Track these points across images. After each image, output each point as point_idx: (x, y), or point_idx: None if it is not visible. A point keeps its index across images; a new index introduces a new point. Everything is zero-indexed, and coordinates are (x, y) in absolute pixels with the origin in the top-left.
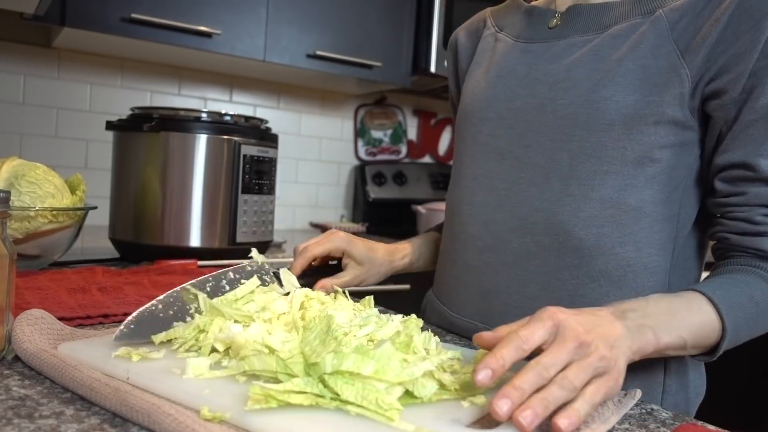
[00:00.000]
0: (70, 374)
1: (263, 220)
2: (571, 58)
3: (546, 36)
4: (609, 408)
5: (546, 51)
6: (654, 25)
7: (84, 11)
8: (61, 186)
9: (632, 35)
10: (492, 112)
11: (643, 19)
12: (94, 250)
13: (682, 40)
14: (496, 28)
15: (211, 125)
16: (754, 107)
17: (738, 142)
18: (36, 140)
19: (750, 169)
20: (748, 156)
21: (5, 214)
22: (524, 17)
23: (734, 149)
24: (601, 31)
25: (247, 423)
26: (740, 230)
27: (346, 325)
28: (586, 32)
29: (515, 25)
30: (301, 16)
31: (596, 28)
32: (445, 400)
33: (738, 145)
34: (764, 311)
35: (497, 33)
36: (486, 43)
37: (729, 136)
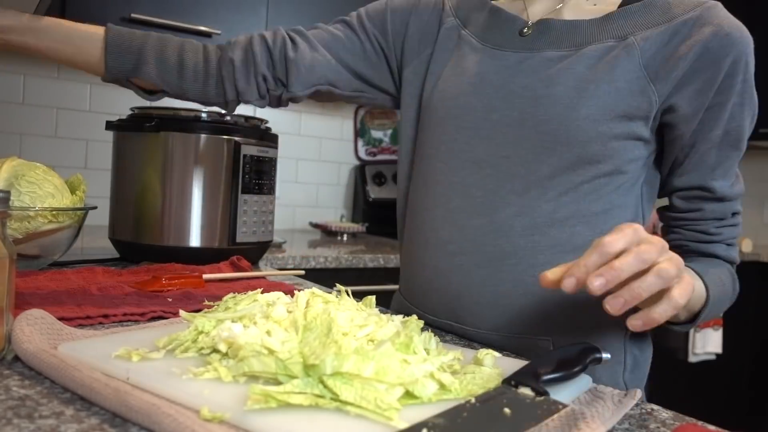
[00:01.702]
0: (70, 374)
1: (263, 220)
2: (548, 72)
3: (517, 46)
4: (609, 408)
5: (521, 62)
6: (627, 51)
7: (84, 11)
8: (61, 186)
9: (606, 57)
10: (468, 121)
11: (616, 42)
12: (94, 250)
13: (651, 68)
14: (458, 20)
15: (211, 125)
16: (709, 137)
17: (694, 167)
18: (36, 140)
19: (705, 191)
20: (704, 179)
21: (5, 214)
22: (489, 17)
23: (690, 172)
24: (575, 49)
25: (246, 423)
26: (697, 239)
27: (346, 325)
28: (560, 48)
29: (479, 24)
30: (301, 16)
31: (570, 45)
32: (445, 400)
33: (694, 169)
34: (728, 291)
35: (461, 29)
36: (448, 36)
37: (686, 161)
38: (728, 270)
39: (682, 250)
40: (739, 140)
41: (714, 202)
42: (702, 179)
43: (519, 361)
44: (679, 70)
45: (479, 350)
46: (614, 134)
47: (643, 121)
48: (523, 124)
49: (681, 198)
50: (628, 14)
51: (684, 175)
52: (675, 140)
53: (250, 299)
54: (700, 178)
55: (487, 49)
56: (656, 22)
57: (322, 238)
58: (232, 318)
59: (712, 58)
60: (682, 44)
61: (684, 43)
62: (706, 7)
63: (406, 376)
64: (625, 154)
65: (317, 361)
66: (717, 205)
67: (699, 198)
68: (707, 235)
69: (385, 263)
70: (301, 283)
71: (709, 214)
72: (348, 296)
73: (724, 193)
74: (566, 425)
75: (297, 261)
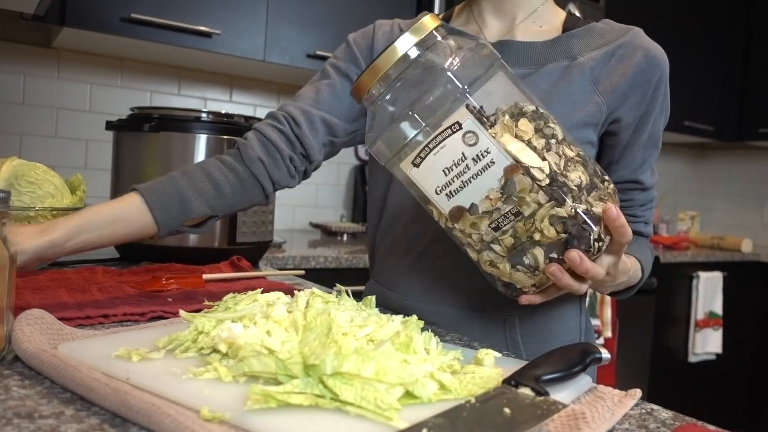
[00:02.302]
0: (70, 374)
1: (263, 220)
2: None
3: None
4: (609, 408)
5: None
6: (579, 69)
7: (84, 11)
8: (61, 186)
9: (563, 74)
10: None
11: (569, 62)
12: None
13: (598, 82)
14: None
15: (211, 125)
16: (639, 139)
17: (627, 164)
18: (36, 140)
19: (636, 183)
20: (635, 174)
21: (5, 214)
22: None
23: (624, 169)
24: (536, 67)
25: (247, 423)
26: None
27: (346, 325)
28: (522, 66)
29: None
30: (301, 16)
31: (530, 63)
32: (445, 400)
33: (627, 167)
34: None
35: None
36: None
37: (620, 160)
38: (646, 245)
39: None
40: (658, 140)
41: (641, 191)
42: (633, 174)
43: (519, 361)
44: (622, 86)
45: (479, 350)
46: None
47: (593, 128)
48: None
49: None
50: (573, 38)
51: (618, 171)
52: (614, 145)
53: (250, 299)
54: (632, 173)
55: None
56: (597, 45)
57: (322, 238)
58: (232, 318)
59: (644, 76)
60: (620, 63)
61: (622, 62)
62: (633, 33)
63: (406, 376)
64: None
65: (317, 361)
66: (643, 194)
67: (630, 189)
68: (634, 217)
69: None
70: (301, 283)
71: (636, 202)
72: (348, 296)
73: (648, 184)
74: (566, 425)
75: (297, 261)
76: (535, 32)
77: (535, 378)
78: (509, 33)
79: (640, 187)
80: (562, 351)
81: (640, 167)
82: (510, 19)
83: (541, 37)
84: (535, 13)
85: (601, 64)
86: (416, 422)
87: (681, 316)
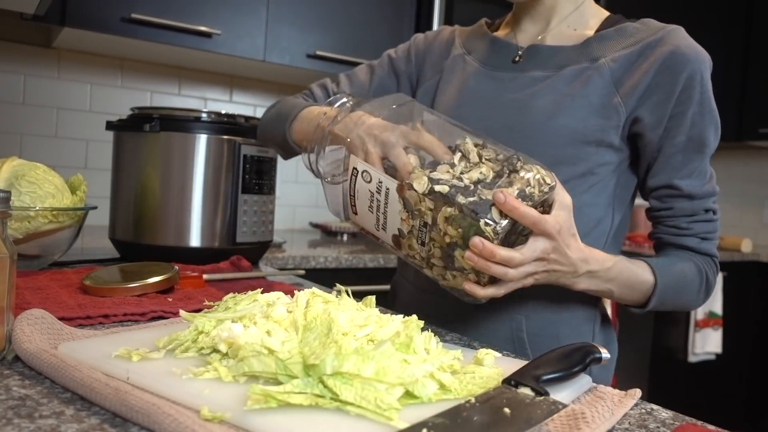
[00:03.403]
0: (70, 374)
1: (263, 220)
2: (533, 89)
3: (510, 67)
4: (609, 408)
5: (511, 80)
6: (598, 70)
7: (84, 11)
8: (61, 186)
9: (581, 76)
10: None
11: (590, 64)
12: (94, 250)
13: (620, 84)
14: (464, 50)
15: (211, 125)
16: (674, 142)
17: (662, 169)
18: (36, 140)
19: (673, 188)
20: (670, 179)
21: (5, 214)
22: (489, 45)
23: (659, 174)
24: (557, 70)
25: (247, 423)
26: (670, 233)
27: (346, 325)
28: (545, 69)
29: (480, 51)
30: (301, 16)
31: (552, 66)
32: (445, 400)
33: (662, 171)
34: (691, 282)
35: (465, 55)
36: (455, 63)
37: (655, 165)
38: (696, 264)
39: (661, 242)
40: (702, 145)
41: (683, 199)
42: (669, 179)
43: (519, 361)
44: (642, 84)
45: (479, 350)
46: (587, 140)
47: (614, 130)
48: (511, 129)
49: (655, 198)
50: (602, 39)
51: (654, 176)
52: (645, 147)
53: (250, 299)
54: (667, 178)
55: (486, 70)
56: (626, 45)
57: (322, 238)
58: (232, 318)
59: (669, 73)
60: (645, 62)
61: (646, 60)
62: (667, 30)
63: (406, 376)
64: (596, 158)
65: (317, 361)
66: (686, 202)
67: (668, 196)
68: (679, 229)
69: (385, 263)
70: (301, 283)
71: (679, 211)
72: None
73: (692, 192)
74: (566, 425)
75: (297, 261)
76: (566, 36)
77: (535, 378)
78: (540, 38)
79: (680, 194)
80: (562, 351)
81: (678, 172)
82: (544, 23)
83: (571, 41)
84: (571, 16)
85: (626, 64)
86: (416, 422)
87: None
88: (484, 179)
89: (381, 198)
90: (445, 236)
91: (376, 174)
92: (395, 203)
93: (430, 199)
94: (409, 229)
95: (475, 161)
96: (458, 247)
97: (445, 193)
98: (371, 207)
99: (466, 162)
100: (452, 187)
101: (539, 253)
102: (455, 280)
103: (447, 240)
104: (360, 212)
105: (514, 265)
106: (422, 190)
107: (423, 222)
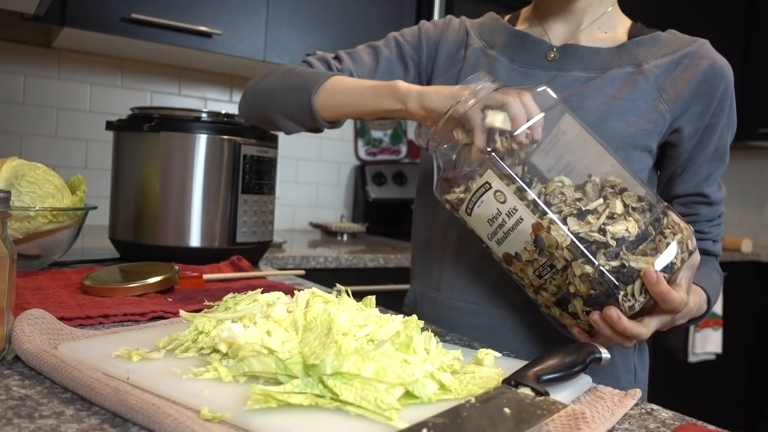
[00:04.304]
0: (70, 374)
1: (263, 220)
2: (579, 89)
3: (545, 66)
4: (609, 408)
5: (551, 80)
6: (644, 76)
7: (84, 11)
8: (61, 186)
9: (627, 80)
10: None
11: (633, 68)
12: (94, 250)
13: (662, 91)
14: (484, 42)
15: (211, 125)
16: (704, 152)
17: (691, 177)
18: (36, 140)
19: (701, 196)
20: (699, 187)
21: (5, 214)
22: (516, 40)
23: (688, 182)
24: (600, 72)
25: (247, 423)
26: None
27: (346, 325)
28: (585, 70)
29: (506, 46)
30: (301, 16)
31: (594, 68)
32: (445, 400)
33: (691, 179)
34: (719, 288)
35: (487, 49)
36: (476, 56)
37: (684, 173)
38: (717, 269)
39: None
40: (725, 154)
41: (707, 206)
42: (698, 187)
43: (519, 361)
44: (686, 94)
45: (479, 350)
46: (635, 144)
47: (656, 136)
48: None
49: (680, 203)
50: (639, 45)
51: (682, 183)
52: (678, 155)
53: (250, 299)
54: (696, 186)
55: (517, 67)
56: (663, 53)
57: (322, 238)
58: (232, 318)
59: (708, 86)
60: (685, 72)
61: (687, 71)
62: (699, 43)
63: (406, 376)
64: (638, 163)
65: (317, 361)
66: (709, 208)
67: (696, 203)
68: (701, 233)
69: (385, 263)
70: (301, 283)
71: (703, 217)
72: (348, 296)
73: (714, 198)
74: (566, 425)
75: (297, 261)
76: (599, 38)
77: (535, 378)
78: (573, 38)
79: (706, 201)
80: (562, 351)
81: (705, 181)
82: (575, 23)
83: (606, 44)
84: (601, 19)
85: (666, 72)
86: (416, 422)
87: None
88: (627, 237)
89: (509, 222)
90: (569, 285)
91: (512, 200)
92: (525, 234)
93: (569, 250)
94: (530, 260)
95: (620, 211)
96: (579, 298)
97: (586, 249)
98: (492, 221)
99: (605, 201)
100: (593, 243)
101: (660, 325)
102: (561, 317)
103: (571, 289)
104: (475, 217)
105: (637, 340)
106: (562, 241)
107: (550, 263)
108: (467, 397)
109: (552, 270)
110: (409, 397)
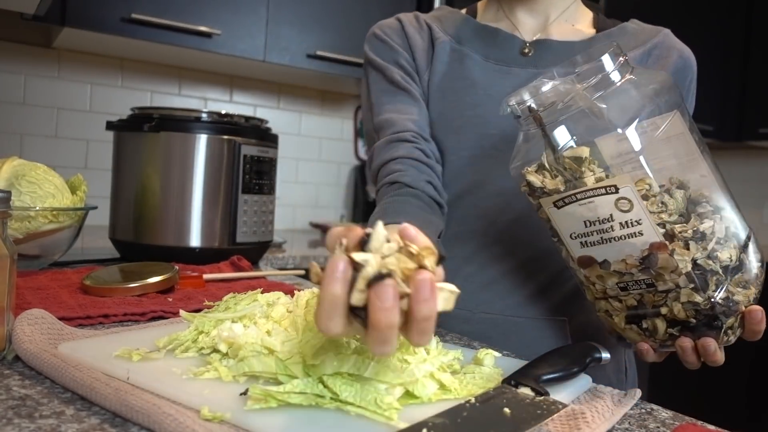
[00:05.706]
0: (71, 374)
1: (263, 220)
2: None
3: (522, 62)
4: (609, 408)
5: (531, 77)
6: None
7: (84, 11)
8: (61, 186)
9: None
10: (493, 128)
11: None
12: (94, 250)
13: None
14: (451, 38)
15: (211, 125)
16: None
17: None
18: (36, 140)
19: None
20: None
21: (5, 214)
22: (485, 36)
23: None
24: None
25: (247, 423)
26: None
27: None
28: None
29: (476, 42)
30: (301, 16)
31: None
32: (445, 400)
33: None
34: None
35: (456, 46)
36: (444, 52)
37: None
38: None
39: None
40: None
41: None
42: None
43: (519, 361)
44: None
45: (479, 350)
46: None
47: None
48: None
49: None
50: (609, 37)
51: None
52: None
53: (250, 299)
54: None
55: (491, 65)
56: (634, 45)
57: (322, 238)
58: (232, 318)
59: (679, 77)
60: (657, 64)
61: (658, 62)
62: (664, 33)
63: (406, 376)
64: None
65: (317, 361)
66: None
67: None
68: None
69: None
70: (301, 283)
71: None
72: None
73: None
74: (566, 425)
75: (297, 261)
76: (570, 31)
77: (535, 378)
78: (544, 32)
79: None
80: (562, 351)
81: None
82: (543, 17)
83: (578, 37)
84: (567, 12)
85: (638, 63)
86: (416, 422)
87: None
88: (730, 266)
89: (619, 231)
90: (662, 307)
91: (640, 213)
92: (635, 248)
93: (686, 276)
94: (622, 272)
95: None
96: (664, 319)
97: (700, 278)
98: (593, 224)
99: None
100: (709, 272)
101: None
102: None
103: (663, 311)
104: (567, 213)
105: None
106: (682, 267)
107: (650, 281)
108: (467, 397)
109: (648, 288)
110: (409, 397)
